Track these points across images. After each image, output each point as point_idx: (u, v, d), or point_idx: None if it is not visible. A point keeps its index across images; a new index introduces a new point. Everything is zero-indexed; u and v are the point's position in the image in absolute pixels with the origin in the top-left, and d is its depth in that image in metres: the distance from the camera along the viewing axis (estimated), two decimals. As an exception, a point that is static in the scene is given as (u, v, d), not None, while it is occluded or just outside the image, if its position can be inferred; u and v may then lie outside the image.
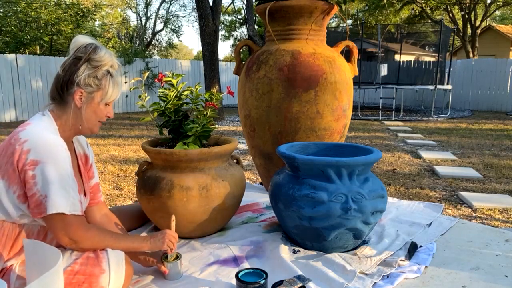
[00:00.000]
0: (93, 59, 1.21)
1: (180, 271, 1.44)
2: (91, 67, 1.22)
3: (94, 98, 1.24)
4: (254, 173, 4.21)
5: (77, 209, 1.16)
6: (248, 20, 10.20)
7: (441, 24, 9.79)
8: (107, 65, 1.25)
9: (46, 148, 1.11)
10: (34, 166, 1.09)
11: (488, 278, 1.43)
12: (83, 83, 1.21)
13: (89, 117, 1.26)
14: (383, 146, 5.94)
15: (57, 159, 1.12)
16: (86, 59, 1.21)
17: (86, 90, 1.22)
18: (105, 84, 1.24)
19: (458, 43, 19.79)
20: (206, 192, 1.65)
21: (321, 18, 2.24)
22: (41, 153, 1.10)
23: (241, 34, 24.37)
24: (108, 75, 1.25)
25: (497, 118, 9.69)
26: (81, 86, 1.21)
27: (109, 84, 1.25)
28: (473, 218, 2.90)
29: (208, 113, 1.82)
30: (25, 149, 1.10)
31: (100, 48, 1.23)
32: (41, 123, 1.19)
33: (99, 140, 6.48)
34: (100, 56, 1.22)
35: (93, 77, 1.22)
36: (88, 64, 1.21)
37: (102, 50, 1.23)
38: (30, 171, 1.09)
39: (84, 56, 1.21)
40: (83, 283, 1.16)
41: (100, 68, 1.23)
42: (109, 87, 1.25)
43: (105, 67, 1.24)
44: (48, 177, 1.10)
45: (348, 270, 1.42)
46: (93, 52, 1.22)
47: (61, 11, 13.33)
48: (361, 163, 1.50)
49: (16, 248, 1.19)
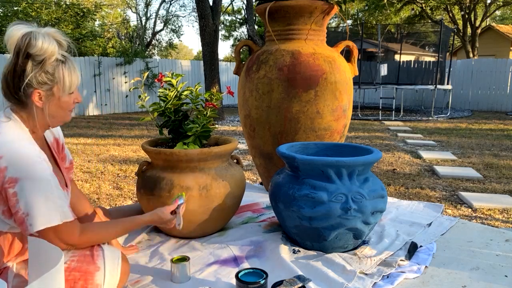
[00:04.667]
0: (33, 54, 1.06)
1: (188, 274, 1.43)
2: (37, 63, 1.08)
3: (54, 94, 1.12)
4: (254, 173, 4.21)
5: (68, 216, 1.12)
6: (248, 20, 10.20)
7: (441, 24, 9.79)
8: (53, 54, 1.09)
9: (23, 163, 1.03)
10: (14, 184, 1.03)
11: (488, 278, 1.43)
12: (36, 83, 1.09)
13: (56, 113, 1.16)
14: (383, 146, 5.94)
15: (36, 172, 1.04)
16: (26, 56, 1.07)
17: (43, 88, 1.10)
18: (59, 75, 1.11)
19: (458, 43, 19.80)
20: (206, 192, 1.65)
21: (321, 18, 2.24)
22: (19, 170, 1.02)
23: (241, 34, 24.38)
24: (59, 64, 1.11)
25: (497, 118, 9.69)
26: (36, 86, 1.09)
27: (63, 73, 1.12)
28: (473, 218, 2.90)
29: (208, 113, 1.82)
30: (2, 166, 1.02)
31: (35, 37, 1.06)
32: (11, 131, 1.08)
33: (99, 140, 6.48)
34: (39, 48, 1.06)
35: (43, 73, 1.09)
36: (32, 61, 1.07)
37: (38, 39, 1.06)
38: (10, 189, 1.03)
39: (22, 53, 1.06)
40: (78, 279, 1.16)
41: (46, 61, 1.08)
42: (65, 77, 1.12)
43: (52, 57, 1.09)
44: (31, 194, 1.03)
45: (348, 270, 1.42)
46: (29, 46, 1.05)
47: (61, 11, 13.33)
48: (361, 163, 1.50)
49: (13, 252, 1.18)
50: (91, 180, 4.01)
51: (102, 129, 7.88)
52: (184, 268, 1.41)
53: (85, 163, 4.79)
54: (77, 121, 9.39)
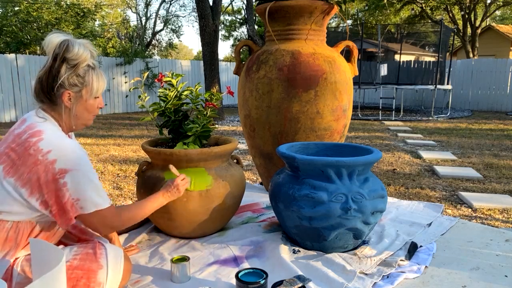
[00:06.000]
0: (69, 58, 1.20)
1: (188, 274, 1.43)
2: (70, 67, 1.20)
3: (82, 96, 1.24)
4: (254, 173, 4.22)
5: (109, 201, 1.23)
6: (248, 20, 10.20)
7: (441, 24, 9.79)
8: (86, 60, 1.23)
9: (70, 156, 1.15)
10: (64, 174, 1.14)
11: (488, 278, 1.43)
12: (67, 84, 1.20)
13: (81, 114, 1.27)
14: (383, 146, 5.94)
15: (83, 163, 1.17)
16: (62, 60, 1.19)
17: (73, 90, 1.22)
18: (89, 79, 1.24)
19: (458, 43, 19.80)
20: (206, 192, 1.65)
21: (321, 18, 2.24)
22: (67, 161, 1.14)
23: (241, 34, 24.38)
24: (90, 70, 1.24)
25: (497, 118, 9.69)
26: (67, 87, 1.21)
27: (92, 78, 1.24)
28: (473, 218, 2.90)
29: (208, 113, 1.82)
30: (50, 159, 1.13)
31: (73, 44, 1.20)
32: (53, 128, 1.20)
33: (99, 140, 6.48)
34: (74, 54, 1.20)
35: (75, 76, 1.21)
36: (67, 64, 1.20)
37: (75, 46, 1.20)
38: (61, 179, 1.14)
39: (59, 57, 1.19)
40: (81, 278, 1.18)
41: (79, 65, 1.21)
42: (94, 81, 1.25)
43: (84, 62, 1.22)
44: (80, 182, 1.15)
45: (348, 270, 1.42)
46: (67, 51, 1.19)
47: (62, 12, 13.32)
48: (361, 163, 1.50)
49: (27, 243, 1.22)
50: (91, 180, 4.00)
51: (102, 129, 7.88)
52: (184, 268, 1.41)
53: (85, 163, 4.78)
54: (77, 121, 9.37)
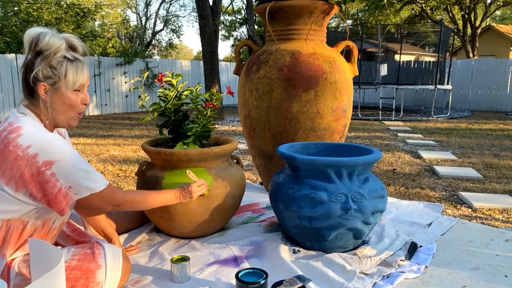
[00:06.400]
0: (41, 49, 1.17)
1: (188, 274, 1.43)
2: (44, 57, 1.18)
3: (58, 88, 1.20)
4: (254, 173, 4.21)
5: (105, 180, 1.23)
6: (248, 20, 10.20)
7: (441, 24, 9.79)
8: (59, 51, 1.19)
9: (52, 148, 1.13)
10: (50, 166, 1.13)
11: (488, 278, 1.43)
12: (42, 76, 1.18)
13: (61, 108, 1.22)
14: (383, 146, 5.94)
15: (65, 152, 1.15)
16: (35, 51, 1.17)
17: (48, 82, 1.19)
18: (63, 71, 1.19)
19: (458, 43, 19.79)
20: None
21: (321, 18, 2.24)
22: (50, 153, 1.13)
23: (241, 34, 24.38)
24: (65, 61, 1.20)
25: (497, 118, 9.69)
26: (41, 79, 1.18)
27: (67, 70, 1.20)
28: (473, 218, 2.90)
29: (208, 113, 1.82)
30: (31, 153, 1.11)
31: (45, 34, 1.17)
32: (32, 123, 1.18)
33: (99, 140, 6.48)
34: (45, 44, 1.16)
35: (49, 67, 1.18)
36: (41, 55, 1.18)
37: (47, 36, 1.17)
38: (47, 171, 1.13)
39: (32, 48, 1.17)
40: (80, 278, 1.18)
41: (52, 56, 1.18)
42: (70, 73, 1.20)
43: (58, 53, 1.18)
44: (68, 171, 1.14)
45: (348, 270, 1.42)
46: (38, 41, 1.16)
47: (62, 12, 13.32)
48: (361, 163, 1.50)
49: (20, 242, 1.21)
50: (91, 180, 4.00)
51: (102, 129, 7.88)
52: (184, 268, 1.41)
53: (85, 163, 4.79)
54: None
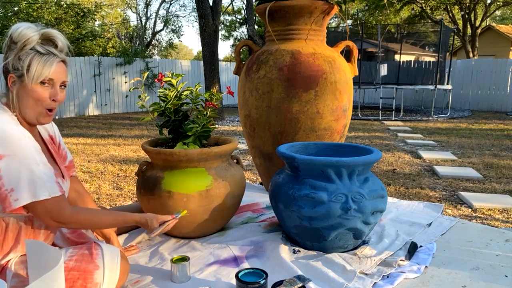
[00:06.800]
0: (14, 40, 1.15)
1: (188, 274, 1.43)
2: (16, 49, 1.16)
3: (23, 81, 1.16)
4: (254, 173, 4.21)
5: (56, 191, 1.14)
6: (248, 20, 10.20)
7: (441, 24, 9.79)
8: (30, 43, 1.16)
9: (10, 141, 1.07)
10: None
11: (488, 278, 1.43)
12: (11, 67, 1.16)
13: (26, 102, 1.17)
14: (383, 146, 5.94)
15: (21, 149, 1.08)
16: (7, 43, 1.16)
17: (16, 74, 1.16)
18: (28, 63, 1.15)
19: (458, 43, 19.79)
20: (206, 192, 1.65)
21: (321, 18, 2.24)
22: (4, 147, 1.06)
23: (241, 34, 24.37)
24: (32, 53, 1.16)
25: (497, 118, 9.69)
26: (11, 71, 1.16)
27: (32, 61, 1.15)
28: (473, 218, 2.89)
29: (208, 113, 1.82)
30: None
31: (19, 26, 1.15)
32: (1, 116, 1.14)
33: (99, 140, 6.48)
34: (17, 34, 1.14)
35: (18, 59, 1.15)
36: (14, 47, 1.16)
37: (20, 28, 1.15)
38: None
39: (8, 39, 1.16)
40: (77, 279, 1.17)
41: (22, 47, 1.15)
42: (33, 65, 1.15)
43: (28, 45, 1.16)
44: (15, 170, 1.07)
45: (348, 270, 1.42)
46: (12, 33, 1.15)
47: (62, 12, 13.32)
48: (361, 163, 1.50)
49: (8, 243, 1.17)
50: (91, 180, 4.01)
51: (102, 129, 7.88)
52: (184, 268, 1.41)
53: (85, 163, 4.79)
54: (77, 121, 9.39)
